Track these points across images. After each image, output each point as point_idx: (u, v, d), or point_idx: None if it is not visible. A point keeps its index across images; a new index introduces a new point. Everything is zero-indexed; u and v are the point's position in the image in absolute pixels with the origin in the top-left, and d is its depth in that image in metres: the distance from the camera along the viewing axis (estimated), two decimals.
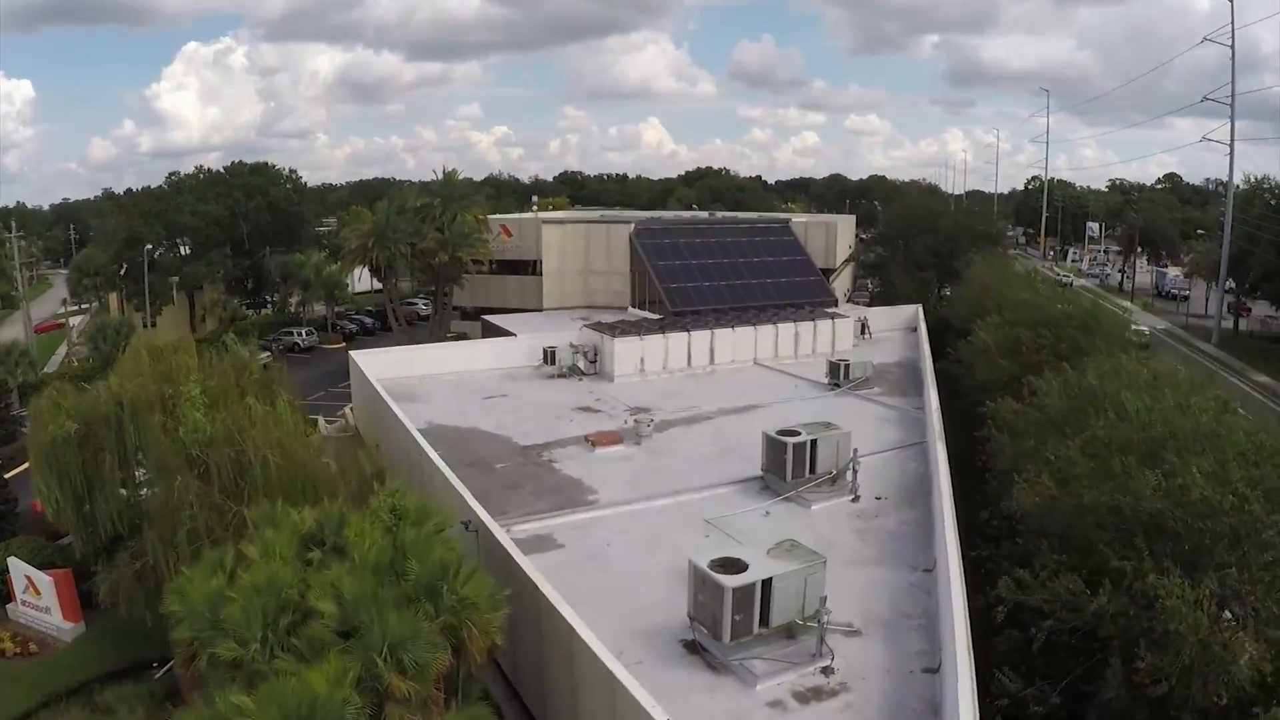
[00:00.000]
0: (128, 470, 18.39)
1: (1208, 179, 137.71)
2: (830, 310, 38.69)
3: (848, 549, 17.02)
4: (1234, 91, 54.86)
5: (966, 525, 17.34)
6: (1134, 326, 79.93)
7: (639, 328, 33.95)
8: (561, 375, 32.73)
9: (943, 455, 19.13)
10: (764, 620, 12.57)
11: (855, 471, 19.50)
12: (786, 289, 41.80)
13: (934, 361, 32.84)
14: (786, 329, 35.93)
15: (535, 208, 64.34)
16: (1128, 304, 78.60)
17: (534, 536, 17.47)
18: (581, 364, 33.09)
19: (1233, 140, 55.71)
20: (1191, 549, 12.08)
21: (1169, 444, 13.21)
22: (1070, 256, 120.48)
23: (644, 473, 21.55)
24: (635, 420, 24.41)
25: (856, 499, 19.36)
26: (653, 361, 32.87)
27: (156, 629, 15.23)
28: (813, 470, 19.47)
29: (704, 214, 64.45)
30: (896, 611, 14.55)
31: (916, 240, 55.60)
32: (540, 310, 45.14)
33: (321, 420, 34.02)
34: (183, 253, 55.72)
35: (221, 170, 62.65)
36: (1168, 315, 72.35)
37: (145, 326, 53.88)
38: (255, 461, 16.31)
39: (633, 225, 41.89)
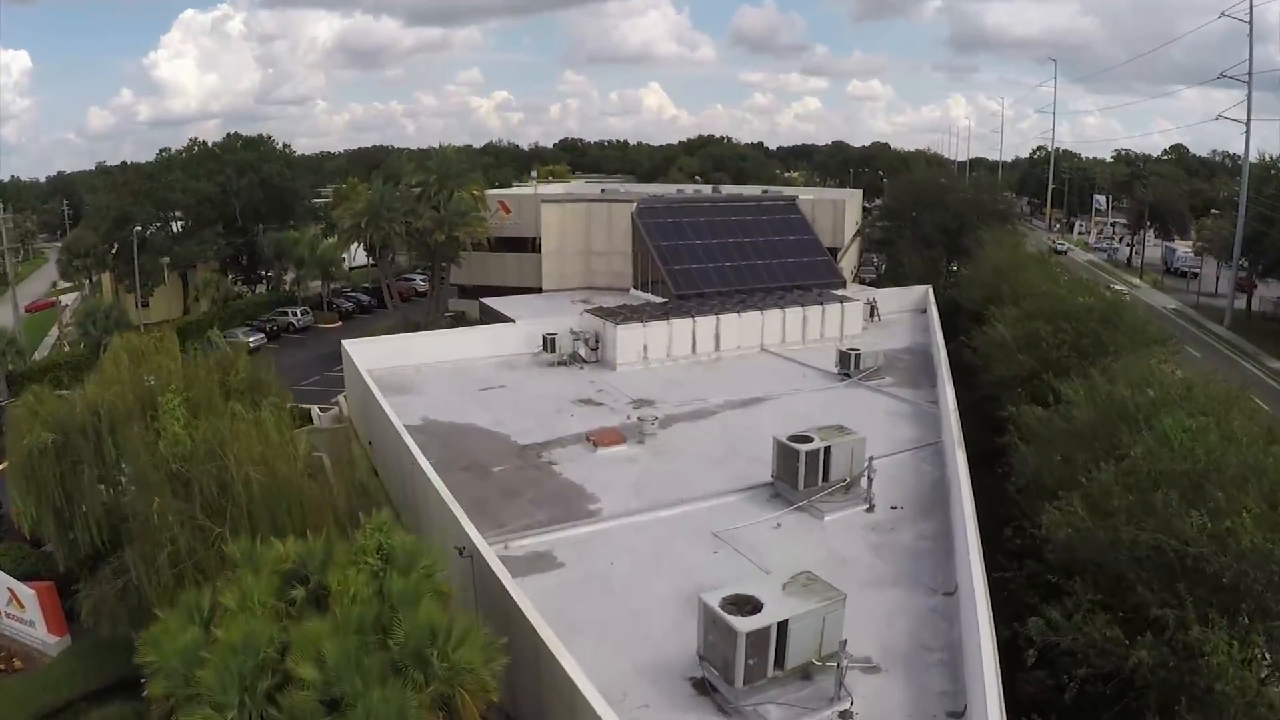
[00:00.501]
0: (108, 483, 17.55)
1: (1214, 151, 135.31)
2: (839, 294, 37.56)
3: (863, 567, 16.21)
4: (1251, 70, 52.87)
5: (984, 536, 16.51)
6: (1114, 287, 78.80)
7: (642, 313, 32.89)
8: (562, 363, 31.79)
9: (962, 463, 18.23)
10: (779, 663, 11.78)
11: (870, 480, 18.62)
12: (793, 270, 40.63)
13: (944, 344, 31.84)
14: (794, 314, 34.85)
15: (535, 179, 62.72)
16: (1137, 280, 77.21)
17: (533, 554, 16.67)
18: (583, 351, 32.11)
19: (1249, 119, 53.86)
20: (1239, 598, 11.22)
21: (1212, 476, 12.27)
22: (1076, 229, 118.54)
23: (648, 477, 20.69)
24: (639, 418, 23.51)
25: (871, 509, 18.51)
26: (656, 349, 31.88)
27: None
28: (826, 478, 18.60)
29: (707, 188, 62.91)
30: (917, 643, 13.75)
31: (924, 216, 54.12)
32: (540, 291, 44.08)
33: (316, 410, 33.19)
34: (175, 229, 54.32)
35: (214, 145, 61.09)
36: (1177, 294, 70.86)
37: (138, 307, 52.87)
38: (237, 479, 15.42)
39: (635, 204, 40.57)
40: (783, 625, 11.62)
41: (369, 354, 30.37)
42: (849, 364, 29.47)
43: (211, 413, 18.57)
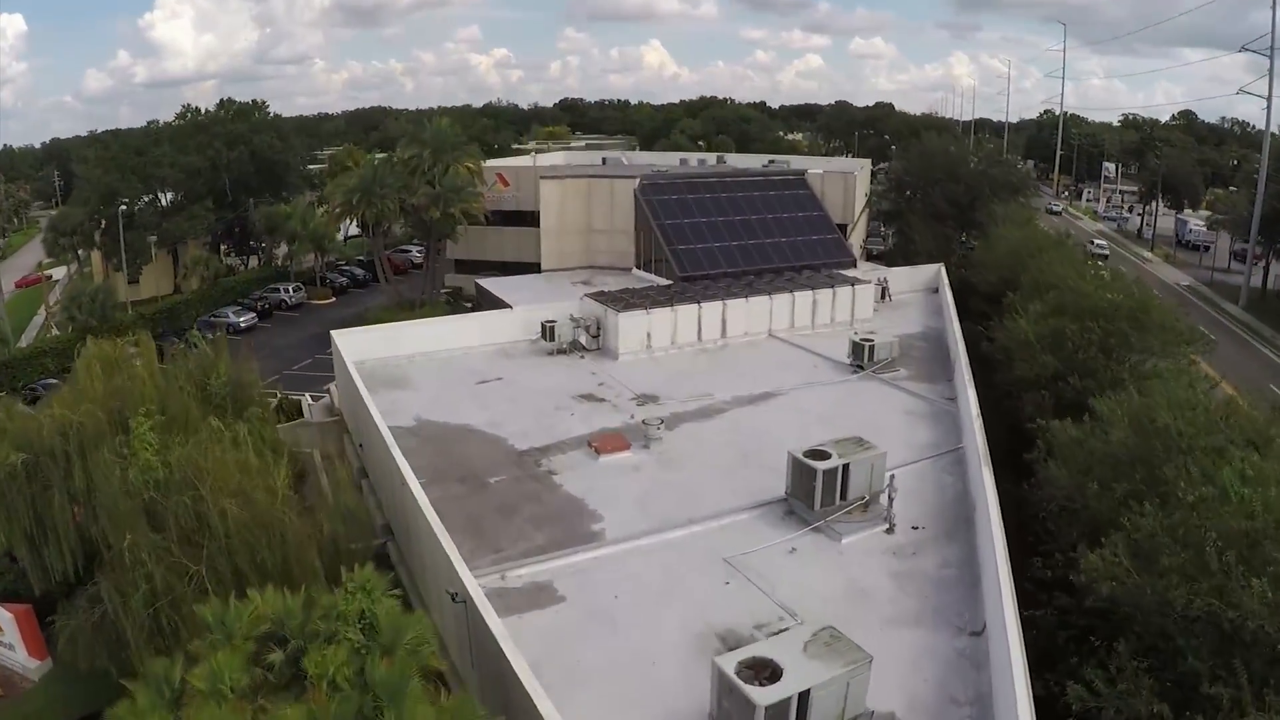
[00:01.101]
0: (80, 508, 16.54)
1: (1224, 118, 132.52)
2: (850, 275, 36.14)
3: (884, 600, 15.24)
4: (1274, 43, 50.47)
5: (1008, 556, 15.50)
6: (1095, 244, 76.53)
7: (645, 299, 31.57)
8: (561, 351, 30.59)
9: (989, 483, 17.09)
10: None
11: (891, 500, 17.56)
12: (803, 249, 39.18)
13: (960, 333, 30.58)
14: (804, 297, 33.52)
15: (534, 147, 60.49)
16: (1148, 253, 75.44)
17: (532, 585, 15.69)
18: (583, 339, 30.88)
19: (1270, 93, 51.64)
20: None
21: (1273, 533, 11.18)
22: (1085, 196, 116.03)
23: (654, 489, 19.64)
24: (644, 421, 22.38)
25: (891, 530, 17.48)
26: (660, 337, 30.64)
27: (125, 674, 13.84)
28: (844, 496, 17.55)
29: (711, 157, 60.97)
30: (944, 695, 12.81)
31: (935, 188, 52.40)
32: (538, 269, 42.66)
33: (306, 401, 32.11)
34: (164, 204, 52.57)
35: (205, 113, 58.77)
36: (1190, 269, 69.19)
37: (129, 283, 51.49)
38: (214, 511, 14.37)
39: (638, 180, 38.91)
40: (804, 695, 10.65)
41: (359, 345, 29.15)
42: (862, 355, 28.25)
43: (188, 429, 17.53)
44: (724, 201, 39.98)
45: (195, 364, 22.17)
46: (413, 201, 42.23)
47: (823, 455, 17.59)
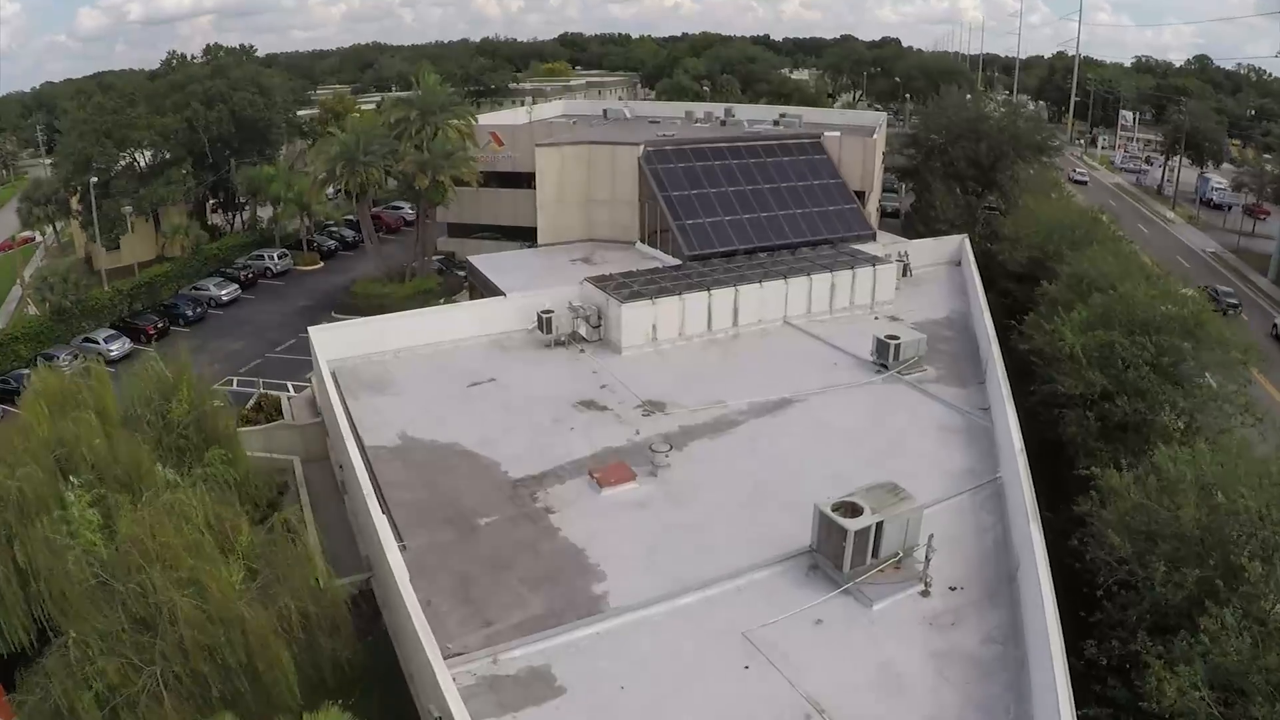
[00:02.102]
0: (26, 581, 14.61)
1: (1239, 64, 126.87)
2: (870, 253, 33.51)
3: (924, 691, 13.39)
4: None
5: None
6: (1076, 171, 72.38)
7: (650, 285, 29.09)
8: (559, 343, 28.32)
9: (1038, 543, 15.07)
10: None
11: (928, 559, 15.58)
12: (819, 221, 36.43)
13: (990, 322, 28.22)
14: (822, 280, 31.01)
15: (531, 87, 56.59)
16: (1170, 213, 71.90)
17: (527, 671, 13.84)
18: (583, 330, 28.57)
19: None
20: None
21: None
22: (1100, 144, 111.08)
23: (663, 535, 17.68)
24: (651, 448, 20.26)
25: (927, 591, 15.57)
26: (666, 328, 28.32)
27: None
28: (875, 554, 15.60)
29: (719, 109, 57.11)
30: None
31: (955, 147, 49.05)
32: (535, 235, 39.87)
33: (286, 398, 29.98)
34: (141, 166, 49.33)
35: (189, 59, 54.77)
36: (1214, 231, 65.85)
37: (109, 250, 48.67)
38: (165, 610, 12.38)
39: (641, 147, 35.87)
40: None
41: (340, 342, 26.86)
42: (887, 354, 25.95)
43: (141, 482, 15.49)
44: (734, 170, 36.99)
45: (154, 388, 19.92)
46: (400, 169, 39.29)
47: (853, 510, 15.56)
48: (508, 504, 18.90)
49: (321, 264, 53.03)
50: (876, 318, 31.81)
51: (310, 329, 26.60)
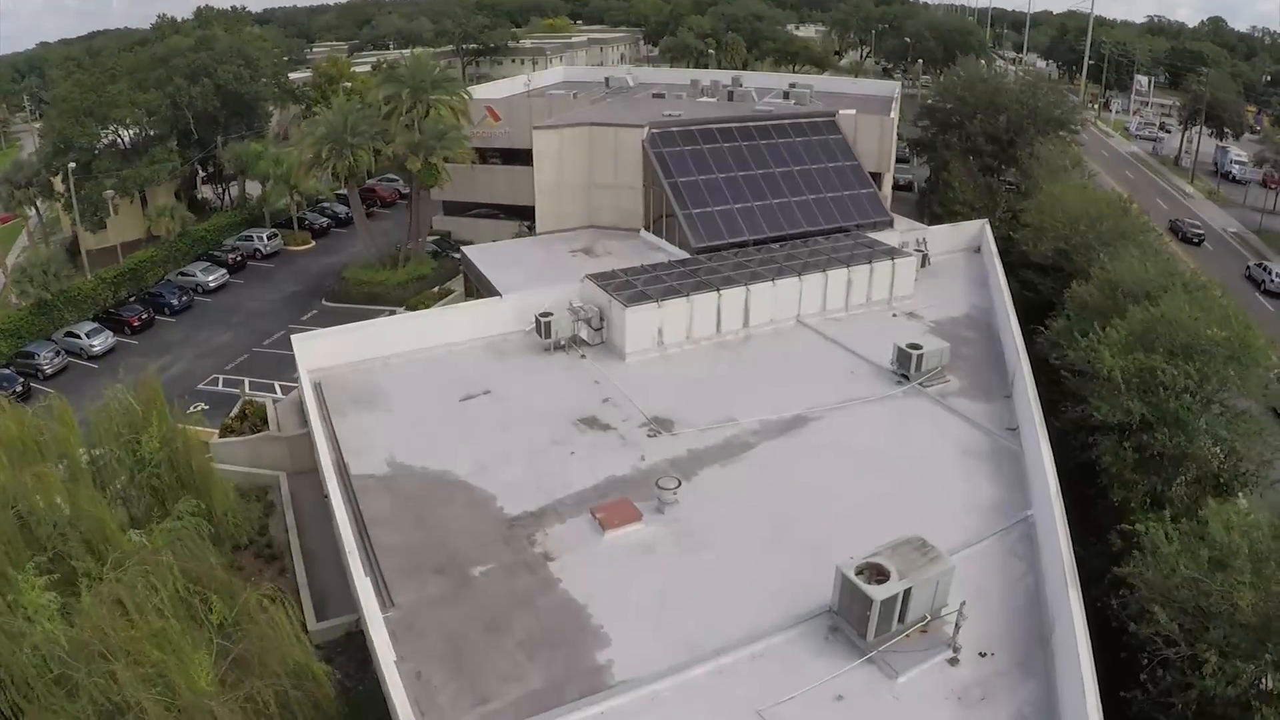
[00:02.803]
0: None
1: (1254, 26, 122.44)
2: (887, 245, 31.60)
3: None
4: None
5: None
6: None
7: (655, 283, 27.30)
8: (559, 347, 26.66)
9: (1078, 614, 13.57)
10: None
11: (959, 625, 14.15)
12: (834, 207, 34.41)
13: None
14: (838, 276, 29.19)
15: (531, 46, 53.42)
16: (1189, 187, 69.20)
17: None
18: (584, 333, 26.88)
19: None
20: None
21: None
22: (1115, 109, 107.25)
23: (671, 588, 16.25)
24: (658, 484, 18.72)
25: (955, 659, 14.18)
26: (673, 331, 26.63)
27: None
28: (902, 620, 14.19)
29: (726, 77, 54.51)
30: None
31: (973, 121, 46.60)
32: (533, 224, 37.97)
33: (273, 405, 28.44)
34: (125, 144, 46.97)
35: (179, 22, 51.89)
36: (1234, 208, 63.27)
37: (96, 230, 46.68)
38: (131, 706, 11.01)
39: (645, 129, 33.67)
40: None
41: (325, 350, 25.22)
42: (908, 364, 24.27)
43: (108, 546, 14.03)
44: (744, 152, 34.83)
45: (123, 422, 18.35)
46: (390, 151, 37.17)
47: (879, 572, 14.10)
48: (504, 548, 17.45)
49: (313, 243, 51.08)
50: (895, 314, 30.09)
51: (293, 337, 24.93)
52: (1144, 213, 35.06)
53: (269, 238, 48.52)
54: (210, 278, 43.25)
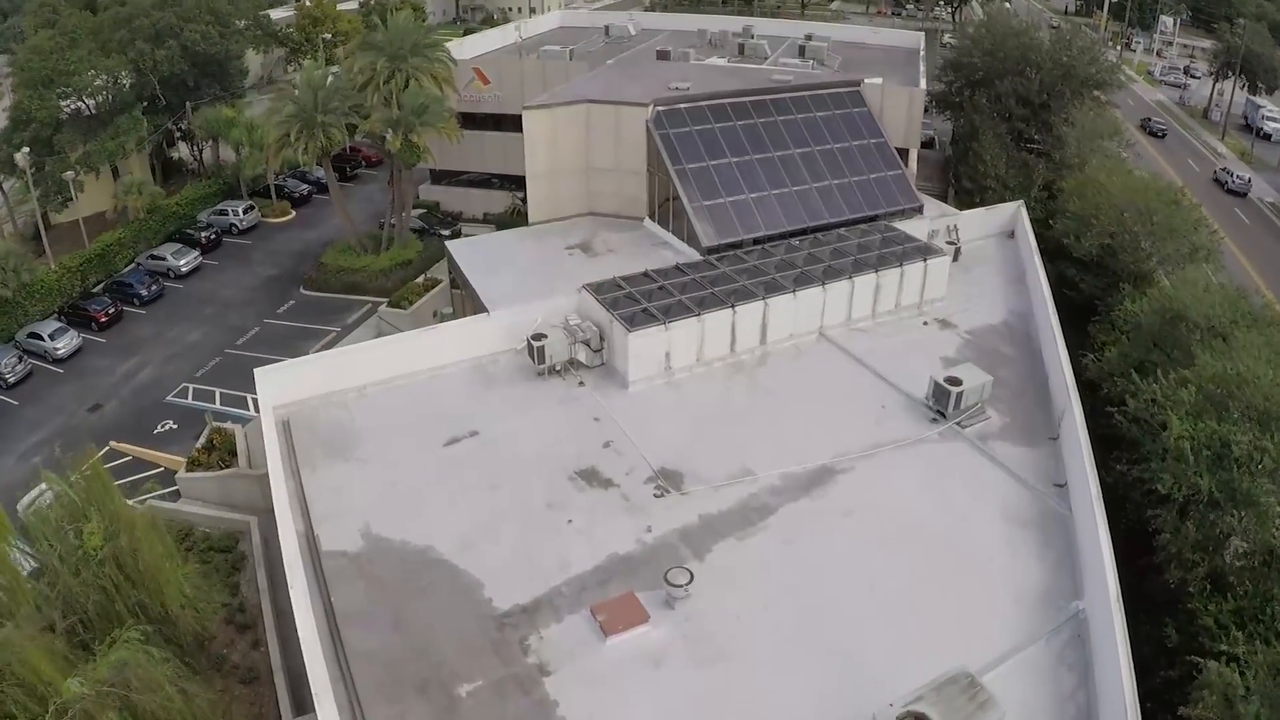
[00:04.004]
0: None
1: None
2: (916, 240, 28.48)
3: None
4: None
5: None
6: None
7: (661, 294, 24.43)
8: (554, 371, 24.01)
9: None
10: None
11: None
12: (859, 193, 31.14)
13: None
14: (865, 282, 26.29)
15: (520, 30, 48.23)
16: (1220, 145, 64.52)
17: None
18: (582, 355, 24.18)
19: None
20: None
21: None
22: (1138, 49, 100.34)
23: (684, 709, 14.19)
24: (666, 578, 16.38)
25: None
26: (682, 355, 23.93)
27: None
28: None
29: (737, 24, 49.83)
30: None
31: (1002, 82, 42.56)
32: (527, 220, 34.56)
33: (243, 436, 25.92)
34: (91, 108, 43.07)
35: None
36: (1268, 172, 58.87)
37: (65, 203, 43.25)
38: None
39: (650, 107, 30.06)
40: None
41: (294, 384, 22.61)
42: (946, 401, 21.65)
43: (48, 690, 11.88)
44: (760, 131, 31.27)
45: (64, 516, 15.91)
46: (366, 128, 33.66)
47: None
48: (493, 658, 15.27)
49: (293, 214, 47.71)
50: (925, 322, 27.33)
51: (256, 372, 22.27)
52: (1197, 204, 31.68)
53: (245, 211, 45.15)
54: (182, 261, 40.20)
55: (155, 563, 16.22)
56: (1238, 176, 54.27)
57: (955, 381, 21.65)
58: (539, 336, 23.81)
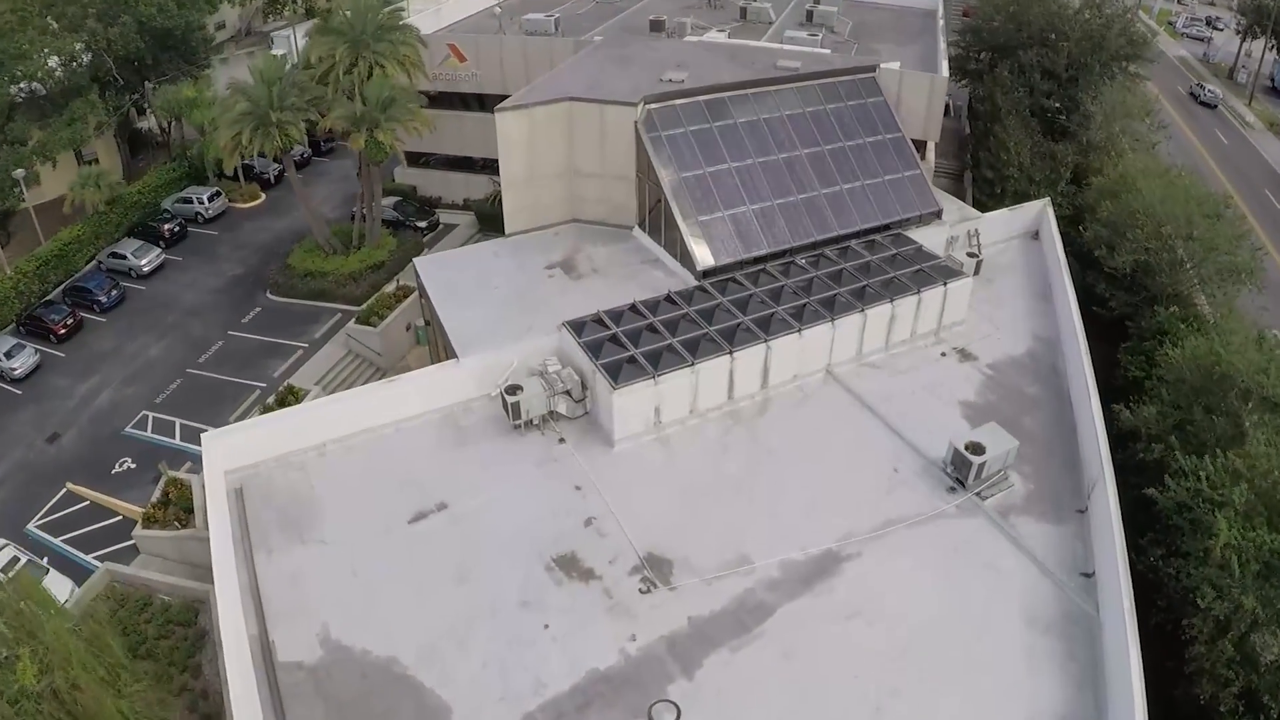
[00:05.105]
0: None
1: None
2: (937, 259, 25.84)
3: None
4: None
5: None
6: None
7: (649, 339, 22.04)
8: (531, 424, 21.81)
9: None
10: None
11: None
12: (872, 199, 28.22)
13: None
14: (878, 315, 23.89)
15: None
16: (1247, 112, 59.95)
17: None
18: (563, 406, 21.96)
19: None
20: None
21: None
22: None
23: None
24: (650, 715, 14.58)
25: None
26: (674, 407, 21.72)
27: None
28: None
29: None
30: None
31: (1028, 52, 38.86)
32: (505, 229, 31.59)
33: (202, 488, 23.81)
34: (44, 92, 39.70)
35: None
36: None
37: (30, 187, 40.27)
38: None
39: (639, 106, 26.88)
40: None
41: (246, 446, 20.48)
42: (967, 471, 19.46)
43: None
44: (763, 129, 28.12)
45: None
46: (326, 126, 30.54)
47: None
48: None
49: (263, 197, 44.58)
50: (944, 353, 24.99)
51: (204, 436, 20.09)
52: (1243, 217, 28.69)
53: (210, 198, 42.07)
54: (144, 261, 37.45)
55: (98, 696, 14.46)
56: (1209, 90, 62.90)
57: (977, 449, 19.41)
58: (514, 390, 21.52)
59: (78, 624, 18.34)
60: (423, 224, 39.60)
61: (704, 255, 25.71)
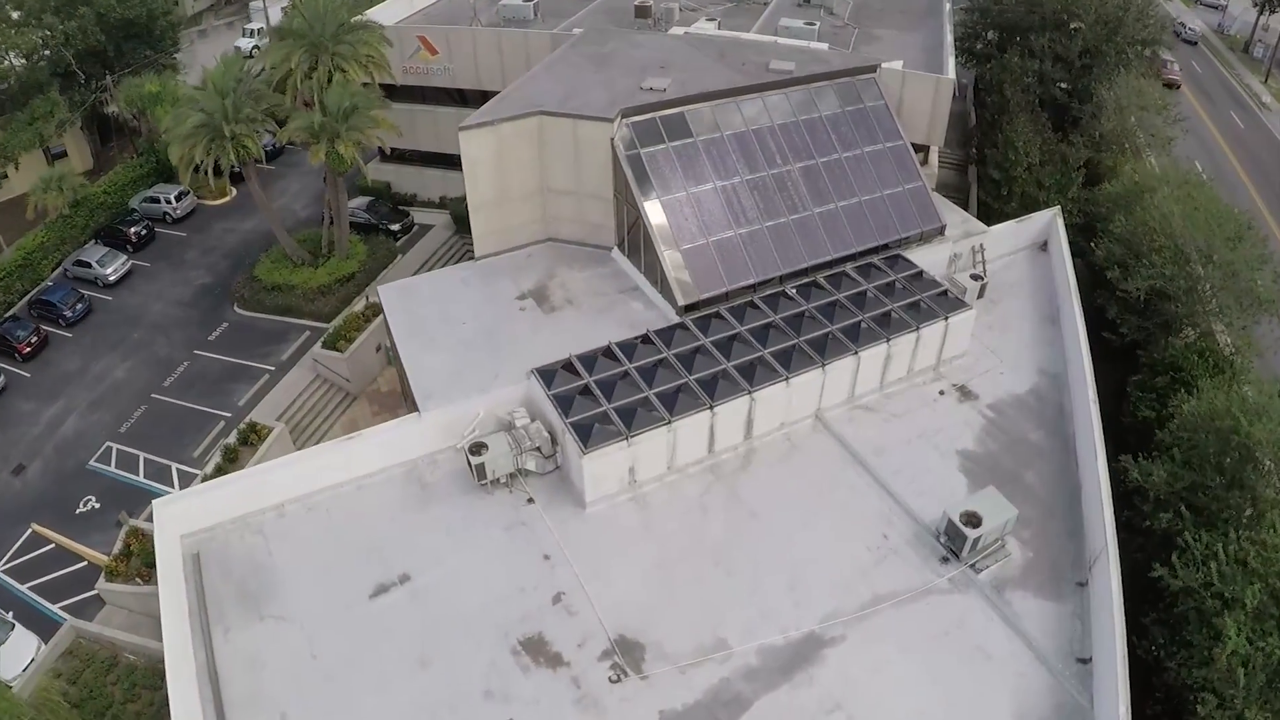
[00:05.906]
0: None
1: None
2: (938, 287, 24.14)
3: None
4: None
5: None
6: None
7: (624, 390, 20.62)
8: (498, 482, 20.57)
9: None
10: None
11: None
12: (869, 217, 26.38)
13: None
14: (872, 356, 22.34)
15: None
16: (1264, 91, 56.44)
17: None
18: (532, 464, 20.67)
19: None
20: None
21: None
22: None
23: None
24: None
25: None
26: (650, 465, 20.44)
27: None
28: None
29: None
30: None
31: (1039, 36, 36.33)
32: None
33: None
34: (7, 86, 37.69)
35: None
36: None
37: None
38: None
39: (616, 121, 24.88)
40: None
41: (202, 510, 19.36)
42: (961, 543, 18.20)
43: None
44: (750, 141, 26.11)
45: None
46: (286, 138, 28.57)
47: None
48: None
49: (233, 193, 42.63)
50: (942, 391, 23.56)
51: (155, 503, 18.99)
52: (1264, 239, 26.60)
53: (178, 197, 40.20)
54: (109, 269, 35.82)
55: None
56: (1190, 29, 65.60)
57: (974, 521, 18.13)
58: (478, 449, 20.20)
59: (33, 699, 17.54)
60: (396, 227, 37.71)
61: (686, 289, 24.02)
